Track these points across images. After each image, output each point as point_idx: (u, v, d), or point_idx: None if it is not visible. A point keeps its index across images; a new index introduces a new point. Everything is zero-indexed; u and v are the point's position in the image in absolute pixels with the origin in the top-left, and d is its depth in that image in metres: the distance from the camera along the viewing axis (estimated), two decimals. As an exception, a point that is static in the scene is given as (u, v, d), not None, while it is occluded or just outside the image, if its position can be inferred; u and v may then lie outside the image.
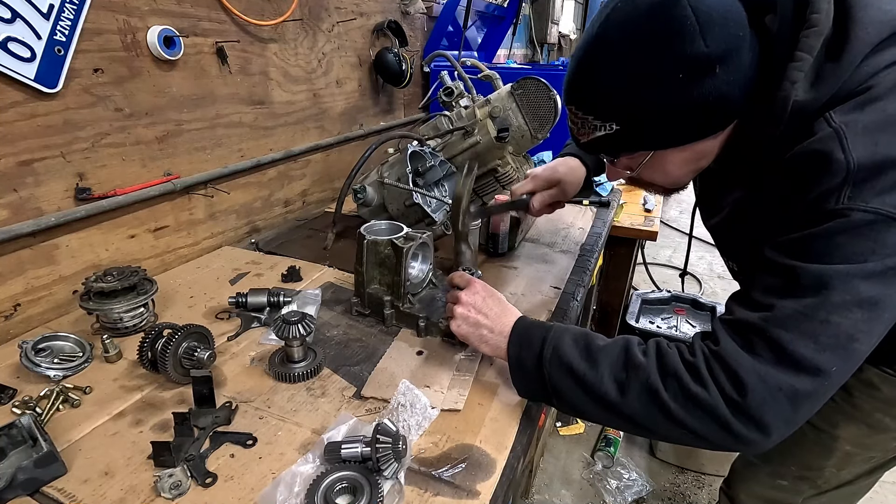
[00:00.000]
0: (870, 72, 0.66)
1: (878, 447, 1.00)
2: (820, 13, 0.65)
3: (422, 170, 1.54)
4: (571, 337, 0.81)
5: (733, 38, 0.67)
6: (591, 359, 0.77)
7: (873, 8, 0.66)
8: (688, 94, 0.68)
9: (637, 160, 0.81)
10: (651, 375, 0.71)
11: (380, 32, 2.24)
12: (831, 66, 0.66)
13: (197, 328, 0.97)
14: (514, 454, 0.83)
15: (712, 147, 0.79)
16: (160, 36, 1.28)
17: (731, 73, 0.68)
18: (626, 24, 0.69)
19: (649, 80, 0.69)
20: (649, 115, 0.72)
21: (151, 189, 1.34)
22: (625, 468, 2.24)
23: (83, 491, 0.74)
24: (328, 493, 0.72)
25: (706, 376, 0.68)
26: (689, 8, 0.64)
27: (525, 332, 0.88)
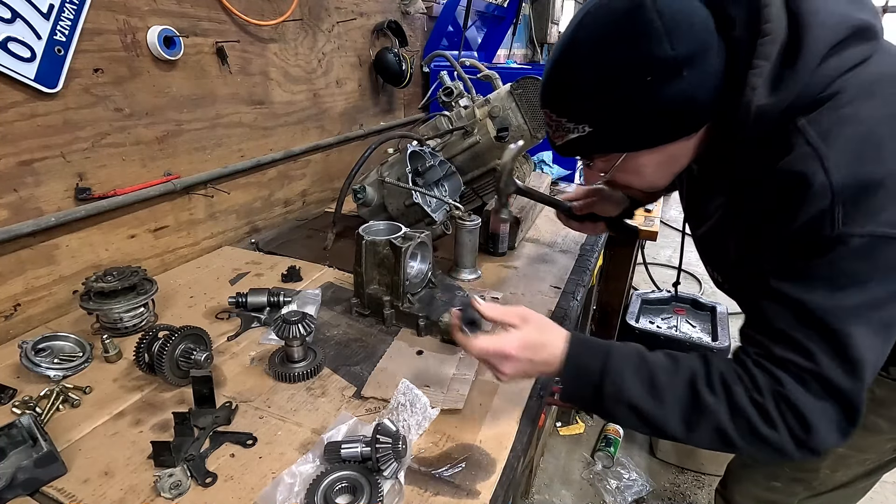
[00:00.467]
0: (833, 75, 0.68)
1: (872, 449, 0.99)
2: (771, 22, 0.68)
3: (422, 170, 1.54)
4: (633, 370, 0.78)
5: (700, 43, 0.69)
6: (657, 397, 0.76)
7: (824, 12, 0.68)
8: (656, 95, 0.70)
9: (611, 162, 0.82)
10: (721, 418, 0.72)
11: (380, 32, 2.24)
12: (789, 72, 0.68)
13: (193, 329, 0.97)
14: (514, 454, 0.83)
15: (685, 150, 0.80)
16: (160, 36, 1.28)
17: (698, 76, 0.70)
18: (596, 28, 0.72)
19: (618, 82, 0.71)
20: (620, 116, 0.74)
21: (151, 189, 1.34)
22: (625, 468, 2.24)
23: (83, 491, 0.74)
24: (328, 492, 0.72)
25: (776, 419, 0.70)
26: (655, 12, 0.66)
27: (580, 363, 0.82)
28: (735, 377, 0.73)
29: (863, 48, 0.69)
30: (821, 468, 1.05)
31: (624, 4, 0.69)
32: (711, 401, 0.73)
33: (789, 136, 0.69)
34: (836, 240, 0.64)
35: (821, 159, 0.65)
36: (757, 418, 0.70)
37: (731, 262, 0.87)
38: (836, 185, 0.64)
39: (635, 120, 0.74)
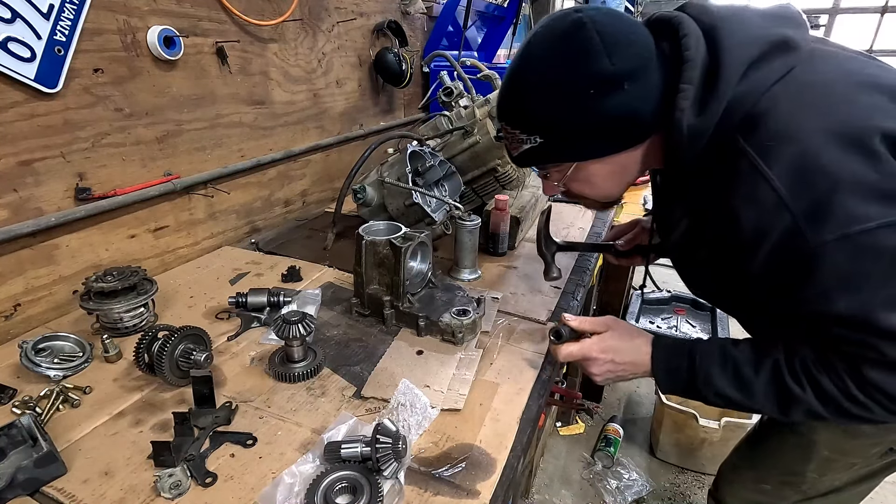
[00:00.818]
0: (761, 89, 0.72)
1: (856, 453, 0.99)
2: (690, 49, 0.74)
3: (421, 170, 1.54)
4: (719, 367, 0.84)
5: (639, 59, 0.75)
6: (745, 391, 0.82)
7: (739, 33, 0.73)
8: (600, 107, 0.76)
9: (563, 172, 0.88)
10: (812, 405, 0.77)
11: (380, 32, 2.24)
12: (711, 92, 0.73)
13: (193, 330, 0.97)
14: (514, 454, 0.83)
15: (633, 161, 0.85)
16: (160, 36, 1.28)
17: (639, 90, 0.76)
18: (542, 47, 0.79)
19: (564, 95, 0.77)
20: (567, 127, 0.80)
21: (151, 189, 1.34)
22: (625, 468, 2.23)
23: (83, 491, 0.74)
24: (328, 492, 0.72)
25: (866, 402, 0.73)
26: (594, 31, 0.74)
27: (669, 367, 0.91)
28: (818, 365, 0.76)
29: (785, 60, 0.73)
30: (808, 472, 1.05)
31: (567, 25, 0.76)
32: (798, 391, 0.77)
33: (734, 157, 0.72)
34: (818, 251, 0.67)
35: (768, 181, 0.69)
36: (848, 403, 0.74)
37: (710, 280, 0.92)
38: (790, 203, 0.68)
39: (582, 130, 0.80)
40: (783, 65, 0.73)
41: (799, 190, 0.67)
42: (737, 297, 0.89)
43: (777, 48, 0.73)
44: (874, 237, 0.66)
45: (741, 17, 0.76)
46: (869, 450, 0.98)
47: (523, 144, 0.85)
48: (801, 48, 0.74)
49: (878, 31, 5.07)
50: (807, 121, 0.69)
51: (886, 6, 4.95)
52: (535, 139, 0.83)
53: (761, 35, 0.73)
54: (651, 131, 0.81)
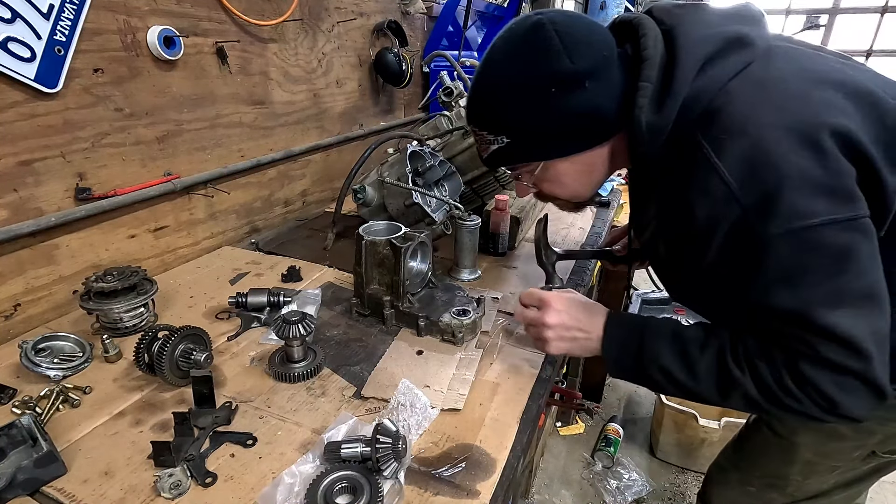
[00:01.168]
0: (717, 85, 0.73)
1: (837, 456, 0.99)
2: (648, 48, 0.76)
3: (421, 170, 1.54)
4: (667, 344, 0.84)
5: (599, 58, 0.77)
6: (689, 369, 0.82)
7: (694, 31, 0.75)
8: (562, 105, 0.78)
9: (532, 172, 0.89)
10: (749, 390, 0.77)
11: (380, 32, 2.24)
12: (667, 90, 0.74)
13: (193, 330, 0.97)
14: (514, 454, 0.83)
15: (600, 159, 0.87)
16: (160, 36, 1.28)
17: (601, 88, 0.78)
18: (504, 49, 0.82)
19: (527, 95, 0.79)
20: (532, 126, 0.82)
21: (151, 189, 1.34)
22: (625, 468, 2.23)
23: (83, 491, 0.74)
24: (328, 492, 0.72)
25: (799, 395, 0.74)
26: (553, 32, 0.76)
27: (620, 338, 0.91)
28: (759, 353, 0.76)
29: (742, 56, 0.74)
30: (791, 475, 1.05)
31: (527, 27, 0.79)
32: (738, 374, 0.77)
33: (692, 151, 0.74)
34: (764, 244, 0.69)
35: (719, 173, 0.70)
36: (781, 393, 0.74)
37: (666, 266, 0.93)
38: (739, 196, 0.69)
39: (546, 129, 0.82)
40: (739, 61, 0.74)
41: (748, 183, 0.69)
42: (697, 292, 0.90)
43: (732, 45, 0.74)
44: (818, 234, 0.67)
45: (698, 16, 0.78)
46: (851, 453, 0.98)
47: (491, 145, 0.87)
48: (757, 45, 0.75)
49: (878, 31, 5.07)
50: (759, 115, 0.70)
51: (886, 6, 4.95)
52: (501, 140, 0.85)
53: (717, 32, 0.75)
54: (615, 129, 0.82)
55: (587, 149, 0.84)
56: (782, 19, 5.52)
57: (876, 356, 0.69)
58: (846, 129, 0.68)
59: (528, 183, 0.93)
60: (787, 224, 0.67)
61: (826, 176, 0.67)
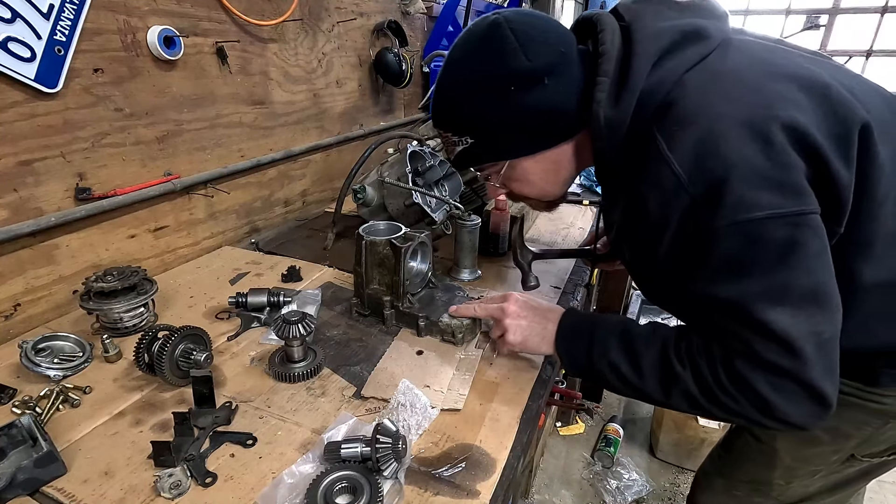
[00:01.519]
0: (673, 77, 0.73)
1: (816, 460, 0.99)
2: (605, 43, 0.77)
3: (421, 170, 1.54)
4: (616, 339, 0.84)
5: (555, 54, 0.78)
6: (635, 364, 0.81)
7: (650, 25, 0.76)
8: (522, 103, 0.79)
9: (499, 172, 0.90)
10: (689, 386, 0.76)
11: (380, 32, 2.24)
12: (624, 83, 0.74)
13: (193, 330, 0.97)
14: (514, 454, 0.83)
15: (565, 157, 0.87)
16: (160, 36, 1.28)
17: (561, 85, 0.78)
18: (463, 51, 0.83)
19: (487, 93, 0.80)
20: (494, 125, 0.83)
21: (151, 189, 1.34)
22: (625, 468, 2.23)
23: (83, 491, 0.74)
24: (328, 492, 0.72)
25: (735, 393, 0.72)
26: (508, 31, 0.77)
27: (573, 330, 0.92)
28: (700, 350, 0.75)
29: (698, 48, 0.74)
30: (773, 479, 1.05)
31: (483, 27, 0.80)
32: (679, 369, 0.76)
33: (647, 144, 0.74)
34: (710, 234, 0.68)
35: (669, 164, 0.70)
36: (718, 391, 0.73)
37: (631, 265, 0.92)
38: (688, 187, 0.69)
39: (508, 127, 0.82)
40: (695, 53, 0.74)
41: (696, 173, 0.68)
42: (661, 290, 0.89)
43: (688, 38, 0.75)
44: (761, 227, 0.66)
45: (655, 10, 0.78)
46: (829, 457, 0.98)
47: (457, 146, 0.88)
48: (714, 37, 0.75)
49: (878, 31, 5.07)
50: (710, 107, 0.70)
51: (886, 6, 4.95)
52: (466, 140, 0.86)
53: (672, 25, 0.75)
54: (577, 126, 0.83)
55: (551, 146, 0.85)
56: (782, 19, 5.52)
57: (813, 358, 0.67)
58: (798, 123, 0.67)
59: (497, 183, 0.94)
60: (732, 216, 0.66)
61: (773, 169, 0.66)
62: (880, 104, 0.77)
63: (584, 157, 0.88)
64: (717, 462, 1.19)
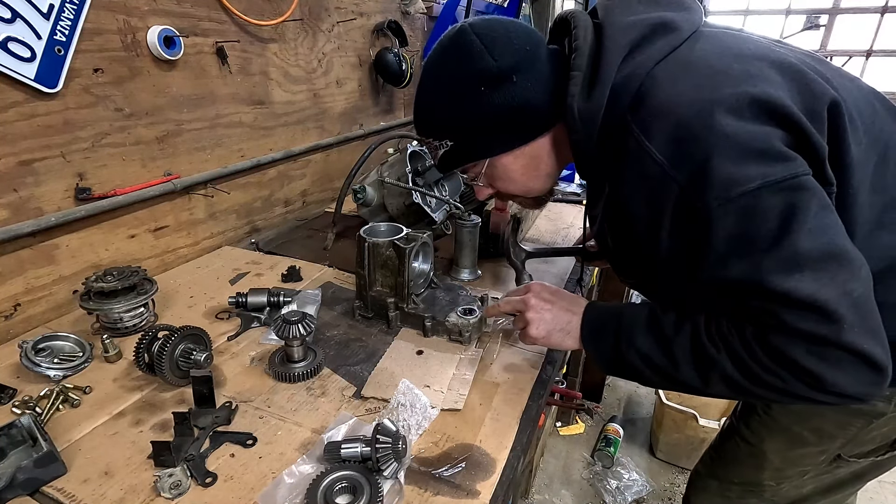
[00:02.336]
0: (643, 71, 0.74)
1: (805, 461, 0.99)
2: (578, 39, 0.79)
3: (421, 170, 1.54)
4: (644, 327, 0.82)
5: (521, 52, 0.81)
6: (666, 351, 0.79)
7: (619, 20, 0.78)
8: (493, 101, 0.82)
9: (481, 171, 0.92)
10: (727, 369, 0.73)
11: (380, 32, 2.24)
12: (596, 76, 0.76)
13: (193, 330, 0.97)
14: (514, 454, 0.83)
15: (543, 152, 0.89)
16: (160, 36, 1.28)
17: (529, 81, 0.81)
18: (436, 58, 0.87)
19: (459, 96, 0.84)
20: (469, 125, 0.86)
21: (151, 189, 1.34)
22: (625, 468, 2.23)
23: (83, 491, 0.74)
24: (328, 492, 0.72)
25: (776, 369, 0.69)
26: (473, 35, 0.81)
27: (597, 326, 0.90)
28: (731, 330, 0.73)
29: (668, 40, 0.76)
30: (764, 481, 1.05)
31: (451, 35, 0.85)
32: (713, 352, 0.74)
33: (623, 138, 0.75)
34: (706, 217, 0.68)
35: (651, 154, 0.71)
36: (757, 368, 0.70)
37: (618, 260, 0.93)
38: (673, 174, 0.69)
39: (483, 126, 0.85)
40: (666, 45, 0.75)
41: (678, 159, 0.69)
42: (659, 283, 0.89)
43: (657, 30, 0.76)
44: (756, 198, 0.65)
45: (625, 6, 0.81)
46: (816, 457, 0.98)
47: (439, 150, 0.91)
48: (683, 29, 0.77)
49: (878, 31, 5.07)
50: (681, 94, 0.71)
51: (886, 6, 4.95)
52: (446, 143, 0.90)
53: (640, 19, 0.77)
54: (551, 120, 0.85)
55: (526, 141, 0.87)
56: (782, 19, 5.52)
57: (850, 318, 0.63)
58: (770, 96, 0.67)
59: (482, 183, 0.96)
60: (724, 193, 0.66)
61: (754, 140, 0.66)
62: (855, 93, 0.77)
63: (563, 151, 0.89)
64: (709, 464, 1.19)
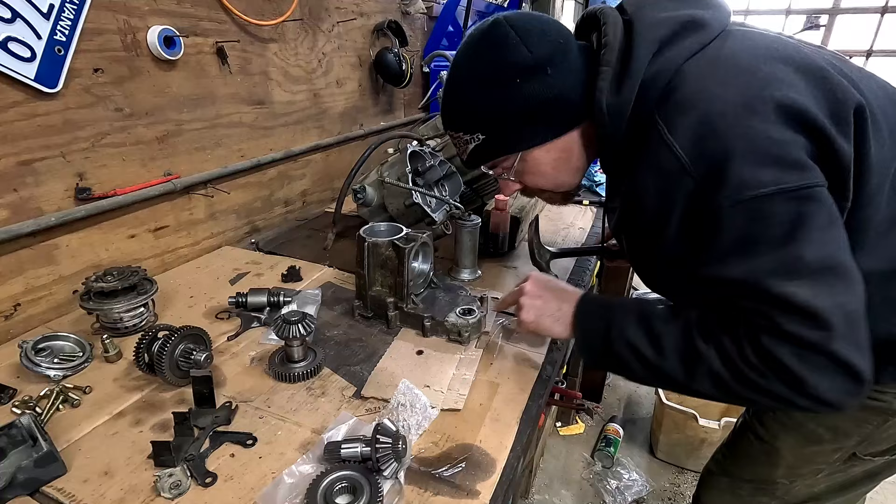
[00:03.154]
0: (672, 67, 0.75)
1: (818, 459, 0.99)
2: (608, 35, 0.80)
3: (421, 169, 1.54)
4: (634, 320, 0.83)
5: (555, 45, 0.82)
6: (656, 345, 0.79)
7: (650, 16, 0.79)
8: (528, 93, 0.82)
9: (512, 166, 0.92)
10: (714, 365, 0.74)
11: (380, 32, 2.24)
12: (625, 72, 0.77)
13: (193, 330, 0.97)
14: (514, 454, 0.83)
15: (575, 145, 0.89)
16: (160, 36, 1.28)
17: (562, 73, 0.82)
18: (468, 50, 0.87)
19: (494, 87, 0.83)
20: (503, 117, 0.85)
21: (151, 189, 1.34)
22: (625, 468, 2.23)
23: (83, 491, 0.74)
24: (328, 492, 0.72)
25: (764, 369, 0.70)
26: (507, 27, 0.82)
27: (589, 314, 0.91)
28: (723, 328, 0.74)
29: (697, 38, 0.77)
30: (777, 479, 1.05)
31: (485, 27, 0.85)
32: (703, 347, 0.75)
33: (648, 132, 0.76)
34: (716, 215, 0.69)
35: (671, 148, 0.72)
36: (745, 367, 0.71)
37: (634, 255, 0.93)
38: (691, 169, 0.70)
39: (517, 118, 0.84)
40: (695, 42, 0.76)
41: (697, 155, 0.70)
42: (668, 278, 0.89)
43: (687, 27, 0.77)
44: (766, 203, 0.67)
45: (654, 2, 0.82)
46: (831, 455, 0.98)
47: (469, 145, 0.91)
48: (712, 27, 0.78)
49: (878, 31, 5.07)
50: (707, 90, 0.72)
51: (886, 6, 4.95)
52: (477, 137, 0.88)
53: (670, 16, 0.78)
54: (583, 114, 0.84)
55: (559, 134, 0.87)
56: (782, 19, 5.52)
57: (841, 330, 0.65)
58: (793, 102, 0.68)
59: (511, 178, 0.95)
60: (736, 195, 0.67)
61: (773, 146, 0.67)
62: (879, 93, 0.78)
63: (593, 145, 0.89)
64: (721, 462, 1.19)
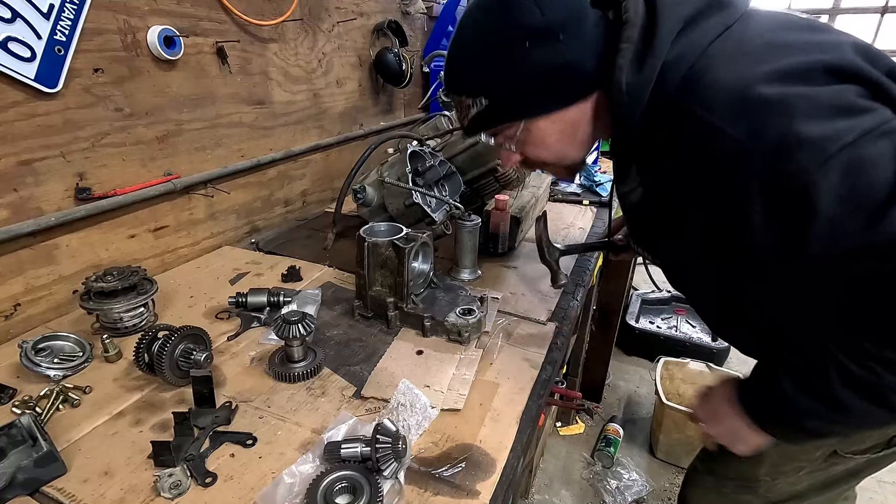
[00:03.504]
0: (697, 50, 0.71)
1: (800, 456, 0.99)
2: (629, 11, 0.76)
3: (421, 169, 1.54)
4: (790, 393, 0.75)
5: (570, 10, 0.77)
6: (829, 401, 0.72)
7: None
8: (537, 59, 0.77)
9: (514, 135, 0.87)
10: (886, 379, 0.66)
11: (380, 32, 2.24)
12: (647, 50, 0.73)
13: (193, 330, 0.97)
14: (514, 454, 0.83)
15: (583, 118, 0.84)
16: (160, 36, 1.28)
17: (575, 40, 0.77)
18: (477, 10, 0.82)
19: (501, 50, 0.79)
20: (509, 82, 0.80)
21: (151, 189, 1.34)
22: (625, 468, 2.23)
23: (83, 491, 0.74)
24: (328, 492, 0.72)
25: None
26: None
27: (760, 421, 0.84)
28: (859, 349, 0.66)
29: (721, 18, 0.73)
30: (760, 476, 1.05)
31: None
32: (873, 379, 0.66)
33: (680, 121, 0.70)
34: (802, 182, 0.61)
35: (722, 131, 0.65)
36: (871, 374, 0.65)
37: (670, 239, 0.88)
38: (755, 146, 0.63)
39: (523, 84, 0.80)
40: (720, 22, 0.73)
41: (758, 131, 0.63)
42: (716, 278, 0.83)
43: (711, 6, 0.74)
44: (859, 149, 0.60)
45: None
46: (813, 453, 0.98)
47: (471, 110, 0.86)
48: (737, 6, 0.75)
49: (878, 31, 5.07)
50: (745, 68, 0.67)
51: (886, 6, 4.95)
52: (480, 101, 0.84)
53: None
54: (594, 86, 0.80)
55: (566, 105, 0.82)
56: (782, 19, 5.52)
57: None
58: (841, 60, 0.65)
59: (512, 147, 0.90)
60: (820, 153, 0.60)
61: (831, 98, 0.62)
62: None
63: (601, 122, 0.84)
64: (705, 460, 1.19)
